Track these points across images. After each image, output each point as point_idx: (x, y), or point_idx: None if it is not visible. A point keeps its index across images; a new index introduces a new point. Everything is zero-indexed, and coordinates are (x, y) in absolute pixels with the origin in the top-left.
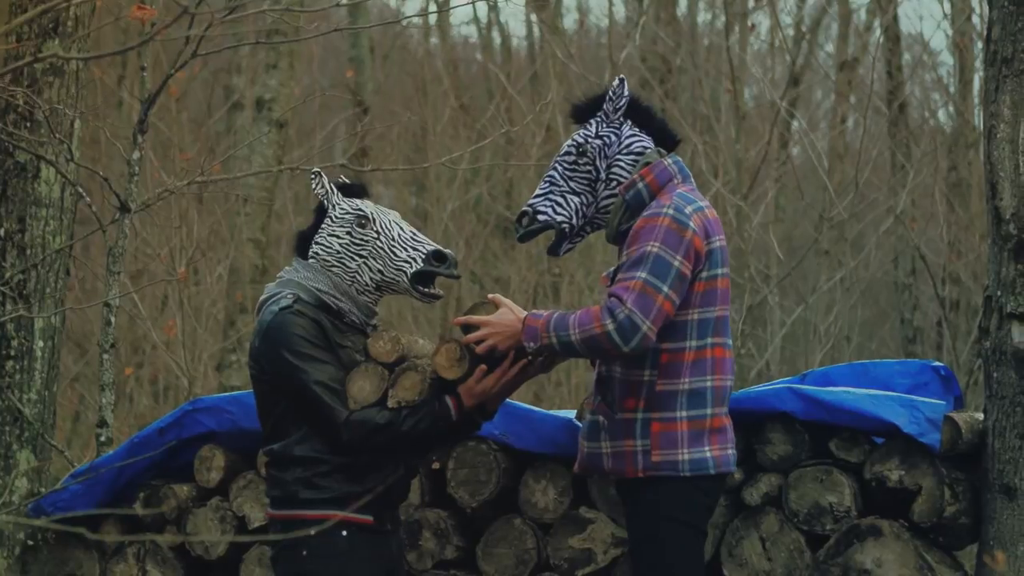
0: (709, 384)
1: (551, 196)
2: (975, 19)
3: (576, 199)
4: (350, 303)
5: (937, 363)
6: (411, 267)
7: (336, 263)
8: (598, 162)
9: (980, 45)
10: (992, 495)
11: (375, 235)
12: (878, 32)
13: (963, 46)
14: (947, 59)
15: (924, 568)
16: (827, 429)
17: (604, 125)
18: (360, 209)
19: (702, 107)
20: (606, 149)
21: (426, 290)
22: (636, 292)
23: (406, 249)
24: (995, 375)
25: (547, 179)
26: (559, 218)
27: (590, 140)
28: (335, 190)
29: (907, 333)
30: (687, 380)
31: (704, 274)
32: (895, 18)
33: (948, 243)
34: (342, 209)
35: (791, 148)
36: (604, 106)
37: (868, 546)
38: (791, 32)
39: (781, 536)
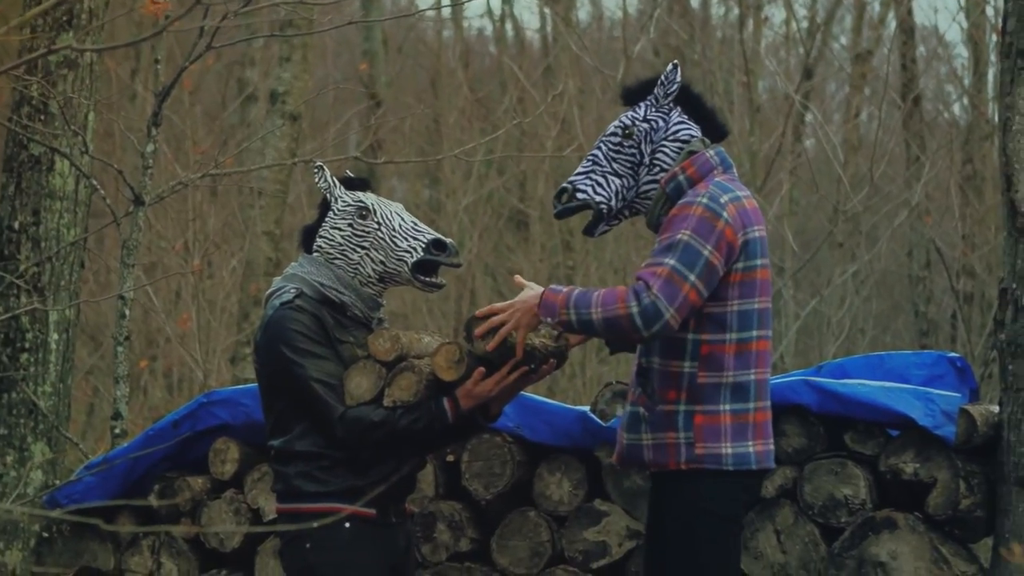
0: (752, 377)
1: (592, 175)
2: (990, 11)
3: (617, 181)
4: (353, 296)
5: (953, 354)
6: (412, 256)
7: (339, 255)
8: (643, 146)
9: (995, 37)
10: (1007, 488)
11: (376, 226)
12: (892, 24)
13: (978, 38)
14: (962, 52)
15: (939, 561)
16: (842, 422)
17: (653, 109)
18: (361, 200)
19: (716, 100)
20: (653, 134)
21: (427, 279)
22: (663, 279)
23: (407, 239)
24: (1010, 367)
25: (590, 158)
26: (598, 198)
27: (637, 123)
28: (337, 183)
29: (921, 326)
30: (731, 373)
31: (740, 265)
32: (909, 10)
33: (963, 236)
34: (344, 202)
35: (805, 141)
36: (655, 90)
37: (883, 539)
38: (805, 24)
39: (796, 528)
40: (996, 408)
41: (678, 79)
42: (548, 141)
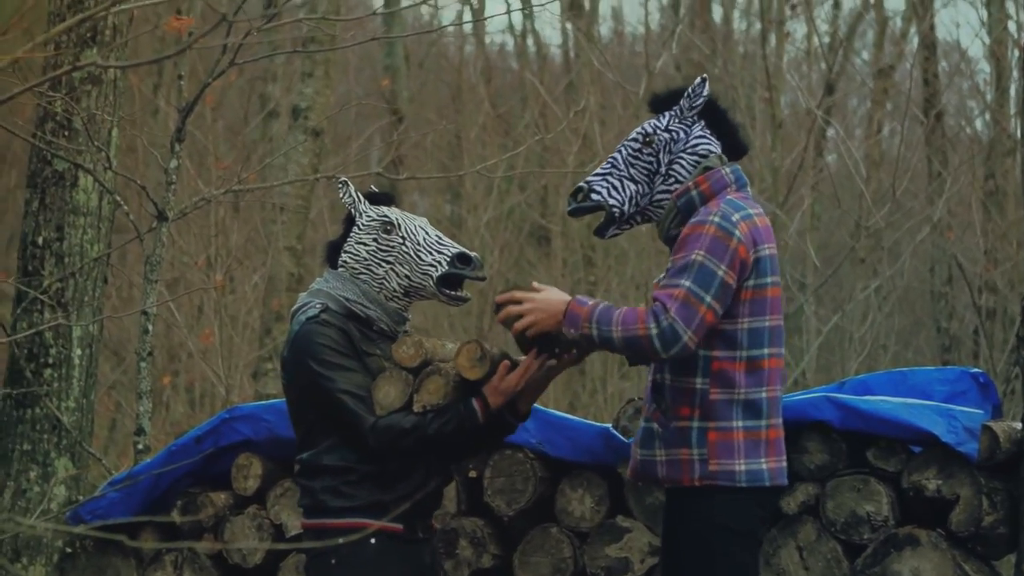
0: (764, 395)
1: (609, 178)
2: (1012, 27)
3: (633, 186)
4: (379, 310)
5: (975, 370)
6: (436, 270)
7: (364, 270)
8: (661, 155)
9: (1017, 53)
10: None
11: (401, 240)
12: (915, 40)
13: (1000, 54)
14: (984, 67)
15: None
16: (864, 438)
17: (677, 120)
18: (385, 215)
19: (738, 115)
20: (672, 144)
21: (452, 293)
22: (680, 301)
23: (431, 253)
24: None
25: (610, 160)
26: (612, 201)
27: (659, 131)
28: (362, 198)
29: (943, 342)
30: (743, 390)
31: (751, 283)
32: (931, 26)
33: (985, 251)
34: (368, 217)
35: (827, 156)
36: (681, 101)
37: (906, 556)
38: (827, 39)
39: (818, 545)
40: (1019, 425)
41: (705, 93)
42: (569, 156)
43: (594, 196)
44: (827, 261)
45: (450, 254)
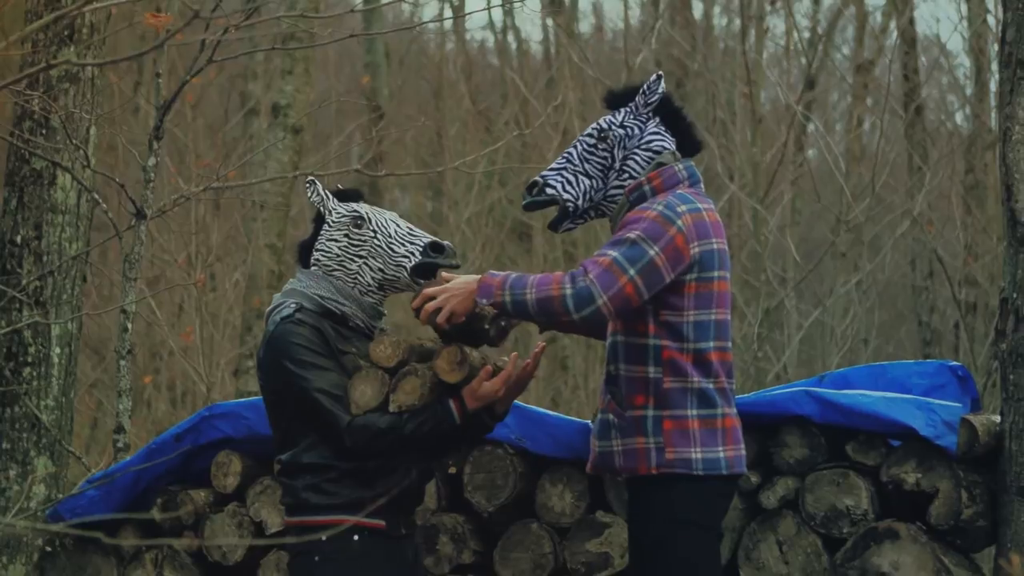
0: (713, 386)
1: (564, 173)
2: (991, 20)
3: (587, 181)
4: (354, 306)
5: (954, 364)
6: (410, 261)
7: (337, 267)
8: (615, 151)
9: (997, 47)
10: (1009, 497)
11: (372, 234)
12: (894, 34)
13: (979, 48)
14: (964, 61)
15: (941, 571)
16: (843, 432)
17: (631, 116)
18: (355, 210)
19: (718, 110)
20: (627, 140)
21: (427, 283)
22: (602, 267)
23: (404, 244)
24: (1011, 377)
25: (565, 155)
26: (565, 195)
27: (613, 127)
28: (330, 196)
29: (924, 335)
30: (696, 379)
31: (694, 276)
32: (911, 20)
33: (965, 245)
34: (338, 213)
35: (807, 151)
36: (636, 98)
37: (885, 549)
38: (807, 35)
39: (798, 539)
40: (998, 418)
41: (660, 89)
42: (550, 152)
43: (549, 190)
44: (808, 256)
45: (422, 243)
